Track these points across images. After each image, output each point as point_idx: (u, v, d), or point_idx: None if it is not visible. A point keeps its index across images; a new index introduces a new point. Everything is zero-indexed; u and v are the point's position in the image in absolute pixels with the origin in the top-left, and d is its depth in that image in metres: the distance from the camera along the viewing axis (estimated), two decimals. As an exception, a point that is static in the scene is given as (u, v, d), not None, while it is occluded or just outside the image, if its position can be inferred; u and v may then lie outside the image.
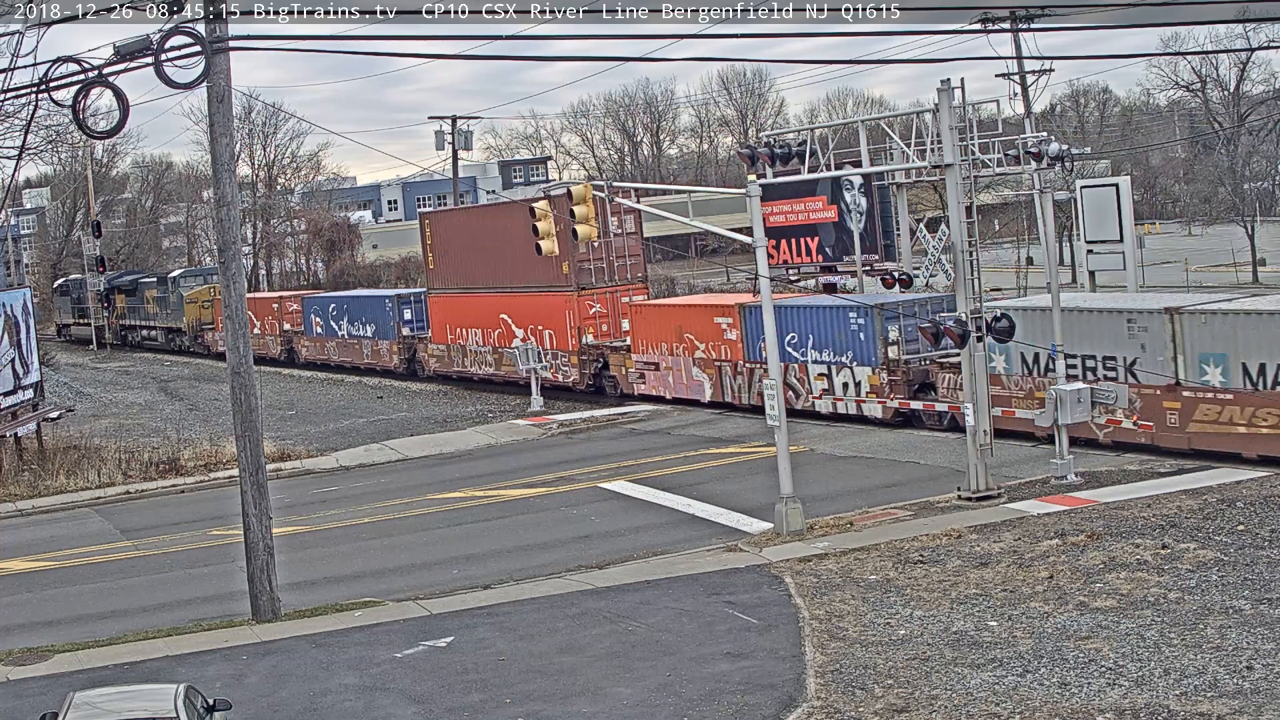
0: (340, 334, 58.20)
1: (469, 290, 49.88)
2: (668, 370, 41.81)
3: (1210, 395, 27.61)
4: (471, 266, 49.63)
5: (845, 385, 35.67)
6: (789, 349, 36.65)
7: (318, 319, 60.17)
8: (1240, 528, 22.04)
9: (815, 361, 36.53)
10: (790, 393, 36.17)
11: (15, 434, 40.14)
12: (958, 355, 27.78)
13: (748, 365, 38.19)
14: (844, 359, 35.71)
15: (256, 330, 63.02)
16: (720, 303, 42.24)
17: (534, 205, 30.33)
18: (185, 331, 72.36)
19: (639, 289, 46.02)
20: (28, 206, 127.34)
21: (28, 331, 42.23)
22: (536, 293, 46.49)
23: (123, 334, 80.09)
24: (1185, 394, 28.02)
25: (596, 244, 43.17)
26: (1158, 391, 28.39)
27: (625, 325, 43.99)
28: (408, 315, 54.53)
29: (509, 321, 48.06)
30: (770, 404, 25.41)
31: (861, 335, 35.13)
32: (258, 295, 68.25)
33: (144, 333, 77.40)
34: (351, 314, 57.49)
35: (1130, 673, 16.33)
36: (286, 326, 63.24)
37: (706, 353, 39.98)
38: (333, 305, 59.43)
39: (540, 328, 46.60)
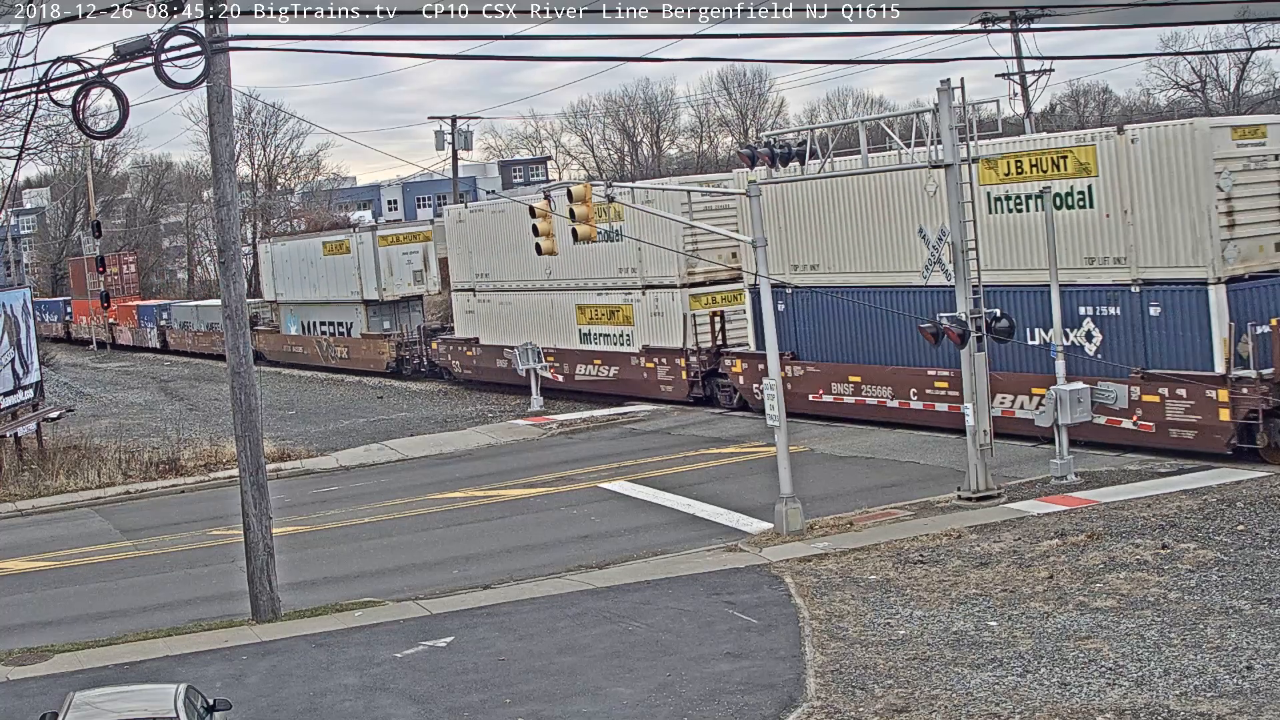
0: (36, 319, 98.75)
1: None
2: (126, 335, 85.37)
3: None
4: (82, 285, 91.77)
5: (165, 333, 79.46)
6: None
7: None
8: (1240, 528, 22.03)
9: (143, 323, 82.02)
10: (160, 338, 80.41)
11: (15, 434, 40.14)
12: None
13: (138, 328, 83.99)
14: (161, 324, 79.43)
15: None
16: (135, 303, 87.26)
17: (533, 205, 30.40)
18: None
19: (137, 298, 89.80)
20: (28, 206, 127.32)
21: (28, 331, 42.23)
22: (85, 300, 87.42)
23: None
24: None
25: (112, 277, 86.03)
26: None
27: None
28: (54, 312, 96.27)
29: (74, 311, 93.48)
30: (770, 404, 25.40)
31: (164, 318, 79.56)
32: None
33: None
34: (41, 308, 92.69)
35: (1130, 673, 16.33)
36: None
37: (129, 323, 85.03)
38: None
39: (85, 317, 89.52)
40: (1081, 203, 28.83)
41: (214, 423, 46.59)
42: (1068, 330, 28.80)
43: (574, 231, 28.07)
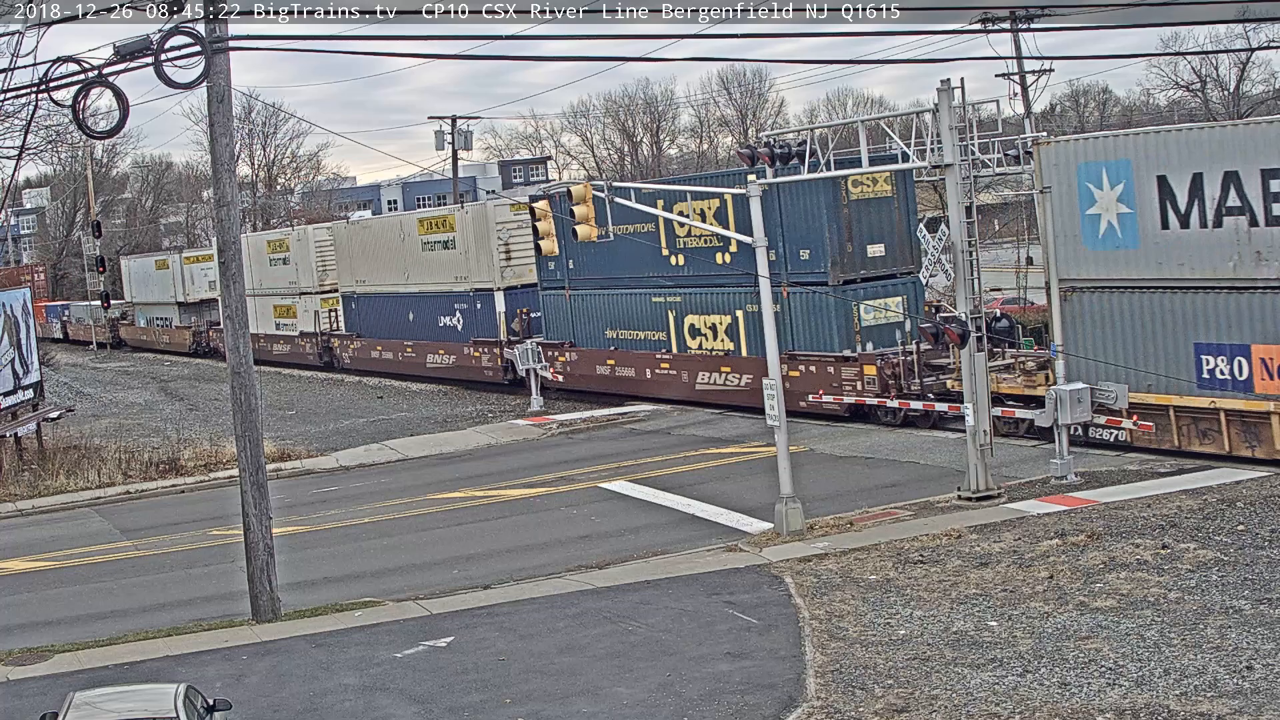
0: None
1: None
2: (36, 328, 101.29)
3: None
4: None
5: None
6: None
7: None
8: (1240, 528, 22.04)
9: None
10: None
11: (15, 434, 40.14)
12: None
13: (46, 322, 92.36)
14: (63, 319, 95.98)
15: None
16: (43, 304, 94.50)
17: (534, 206, 30.39)
18: None
19: (45, 299, 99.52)
20: (28, 206, 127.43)
21: (28, 331, 42.23)
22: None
23: None
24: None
25: None
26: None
27: None
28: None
29: None
30: (770, 404, 25.40)
31: (64, 314, 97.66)
32: None
33: None
34: None
35: (1130, 673, 16.33)
36: None
37: (39, 319, 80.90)
38: None
39: None
40: (450, 245, 51.66)
41: (214, 423, 46.59)
42: (445, 318, 52.12)
43: (574, 230, 28.14)
